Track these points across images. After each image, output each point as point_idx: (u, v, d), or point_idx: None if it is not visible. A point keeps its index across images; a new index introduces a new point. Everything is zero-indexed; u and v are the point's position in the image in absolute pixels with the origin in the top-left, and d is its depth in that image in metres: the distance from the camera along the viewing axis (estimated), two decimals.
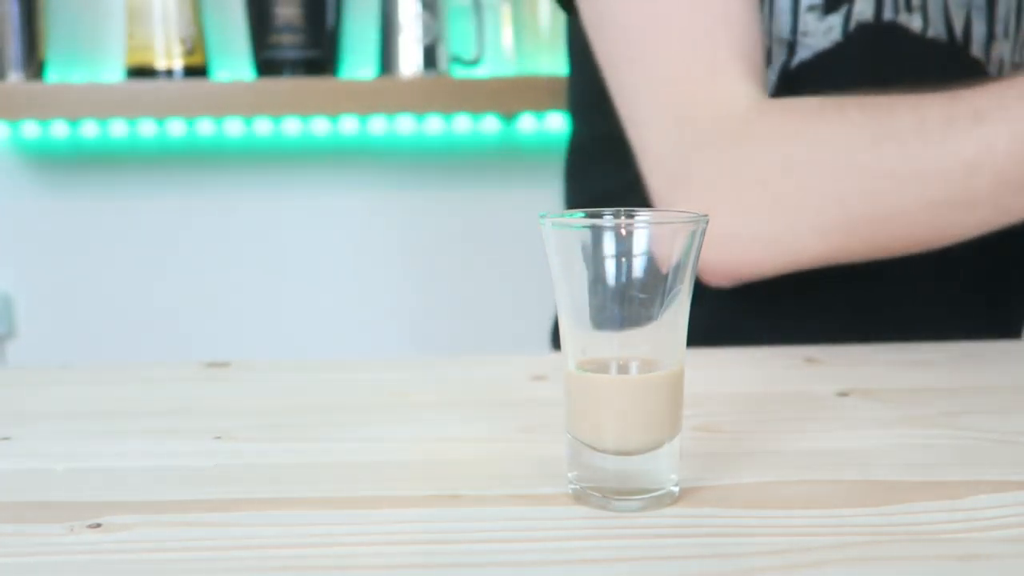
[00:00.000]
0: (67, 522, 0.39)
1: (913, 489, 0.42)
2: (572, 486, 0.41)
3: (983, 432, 0.49)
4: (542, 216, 0.41)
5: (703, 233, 0.40)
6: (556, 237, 0.40)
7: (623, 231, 0.39)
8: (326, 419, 0.54)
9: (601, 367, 0.41)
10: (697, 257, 0.40)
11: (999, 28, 0.77)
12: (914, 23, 0.74)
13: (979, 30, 0.76)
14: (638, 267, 0.39)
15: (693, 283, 0.41)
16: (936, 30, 0.74)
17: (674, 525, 0.39)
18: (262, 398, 0.58)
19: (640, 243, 0.39)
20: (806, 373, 0.62)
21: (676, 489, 0.41)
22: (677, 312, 0.40)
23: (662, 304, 0.40)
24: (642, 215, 0.42)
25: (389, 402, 0.57)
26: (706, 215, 0.40)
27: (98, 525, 0.39)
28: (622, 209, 0.42)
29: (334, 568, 0.36)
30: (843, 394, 0.56)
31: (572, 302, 0.40)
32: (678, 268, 0.40)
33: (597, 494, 0.40)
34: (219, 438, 0.50)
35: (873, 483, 0.43)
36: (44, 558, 0.37)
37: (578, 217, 0.40)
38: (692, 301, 0.41)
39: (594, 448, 0.40)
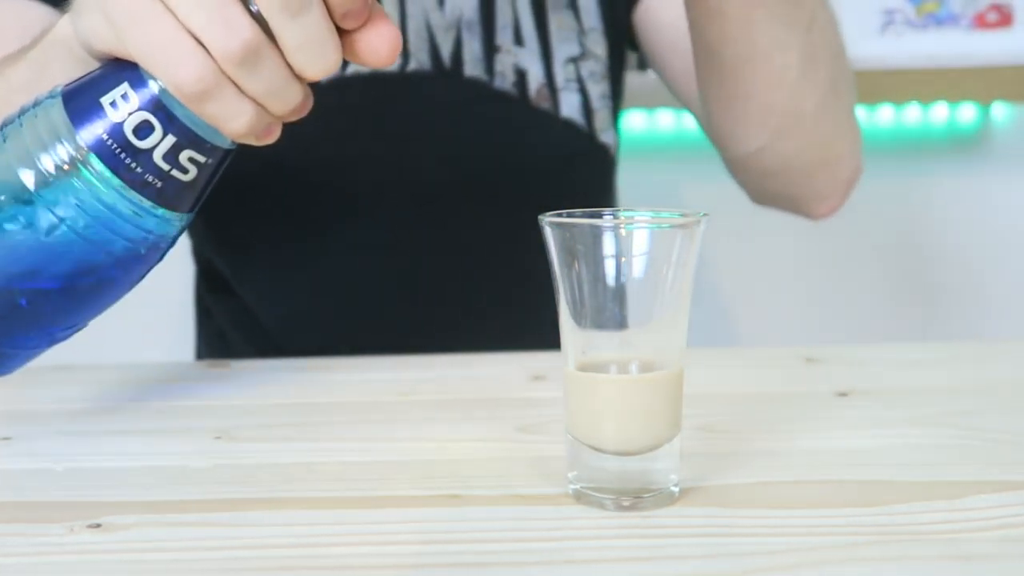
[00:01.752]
0: (67, 522, 0.39)
1: (913, 489, 0.42)
2: (572, 486, 0.41)
3: (983, 432, 0.49)
4: (542, 216, 0.41)
5: (703, 232, 0.40)
6: (556, 237, 0.40)
7: (623, 231, 0.39)
8: (326, 419, 0.54)
9: (601, 367, 0.41)
10: (697, 256, 0.40)
11: (503, 38, 0.76)
12: None
13: (472, 48, 0.75)
14: (638, 267, 0.39)
15: (693, 283, 0.41)
16: (419, 61, 0.74)
17: (674, 525, 0.39)
18: (262, 398, 0.58)
19: (640, 243, 0.39)
20: (806, 373, 0.62)
21: (676, 489, 0.41)
22: (677, 312, 0.40)
23: (662, 304, 0.40)
24: (642, 215, 0.42)
25: (389, 402, 0.57)
26: (707, 214, 0.40)
27: (98, 525, 0.39)
28: (622, 209, 0.42)
29: (334, 568, 0.36)
30: (843, 394, 0.56)
31: (572, 302, 0.40)
32: (678, 268, 0.40)
33: (597, 494, 0.40)
34: (219, 438, 0.50)
35: (873, 483, 0.43)
36: (44, 558, 0.37)
37: (578, 217, 0.40)
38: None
39: (594, 448, 0.40)
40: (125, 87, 0.42)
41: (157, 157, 0.42)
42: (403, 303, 0.78)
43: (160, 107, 0.41)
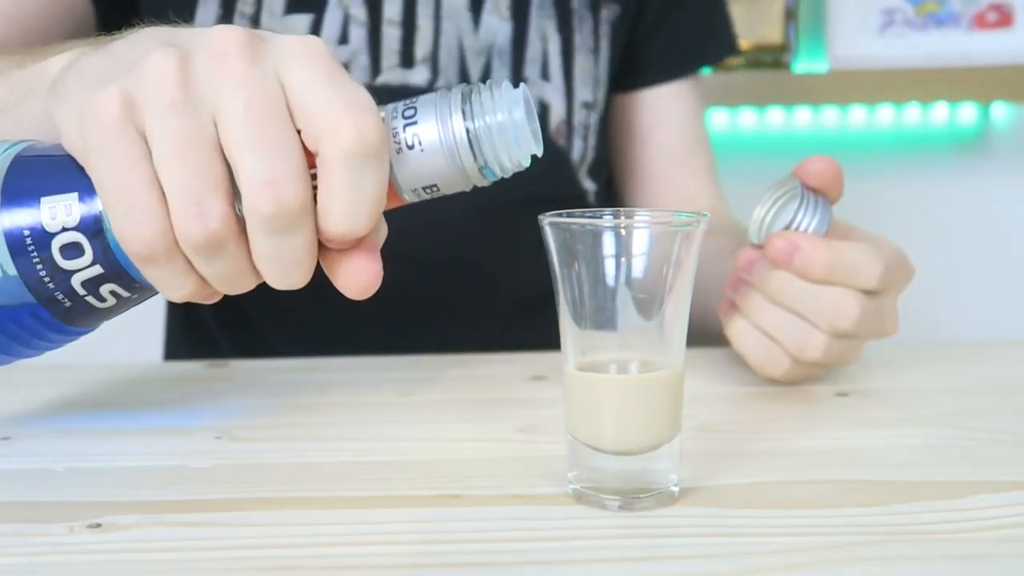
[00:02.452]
0: (67, 522, 0.39)
1: (913, 489, 0.42)
2: (572, 486, 0.41)
3: (983, 432, 0.49)
4: (542, 216, 0.41)
5: (703, 232, 0.40)
6: (556, 237, 0.40)
7: (623, 231, 0.39)
8: (326, 419, 0.54)
9: (601, 367, 0.41)
10: (697, 256, 0.40)
11: (531, 70, 0.77)
12: (416, 77, 0.74)
13: (501, 76, 0.76)
14: (638, 267, 0.39)
15: (693, 283, 0.41)
16: (447, 79, 0.75)
17: (674, 525, 0.39)
18: (262, 398, 0.58)
19: (640, 243, 0.39)
20: None
21: (676, 489, 0.41)
22: (677, 312, 0.40)
23: (662, 304, 0.40)
24: (642, 215, 0.42)
25: (389, 402, 0.57)
26: (707, 214, 0.40)
27: (98, 525, 0.39)
28: (622, 209, 0.42)
29: (334, 568, 0.36)
30: (843, 394, 0.56)
31: (572, 302, 0.40)
32: (678, 268, 0.40)
33: (597, 494, 0.40)
34: (219, 438, 0.50)
35: (873, 483, 0.43)
36: (44, 558, 0.37)
37: (578, 217, 0.40)
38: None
39: (594, 448, 0.40)
40: (72, 199, 0.37)
41: (76, 281, 0.38)
42: (406, 316, 0.77)
43: (99, 237, 0.37)
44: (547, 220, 0.40)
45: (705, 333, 0.70)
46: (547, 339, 0.61)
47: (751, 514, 0.39)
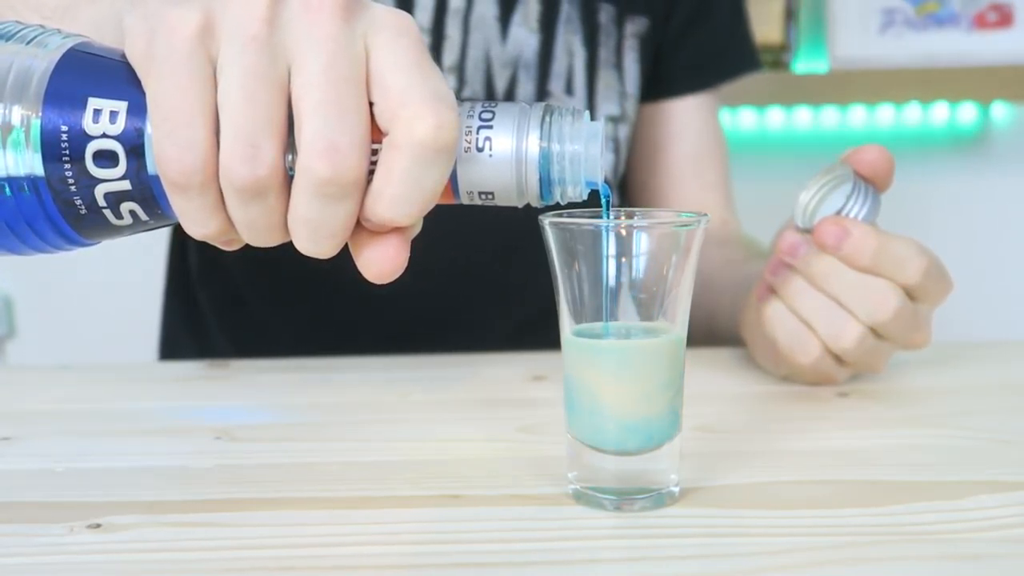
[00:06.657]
0: (67, 522, 0.39)
1: (913, 489, 0.42)
2: (572, 486, 0.41)
3: (983, 432, 0.49)
4: (542, 216, 0.41)
5: (704, 231, 0.40)
6: (556, 237, 0.40)
7: (623, 231, 0.39)
8: (326, 419, 0.54)
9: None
10: (697, 256, 0.40)
11: (555, 85, 0.77)
12: None
13: (526, 89, 0.76)
14: (638, 267, 0.39)
15: (693, 282, 0.41)
16: (473, 90, 0.74)
17: (674, 525, 0.39)
18: (262, 398, 0.58)
19: (640, 243, 0.39)
20: None
21: (676, 489, 0.41)
22: (677, 312, 0.40)
23: (662, 304, 0.40)
24: (642, 215, 0.42)
25: (389, 402, 0.57)
26: (707, 215, 0.40)
27: (98, 525, 0.39)
28: (622, 209, 0.42)
29: (334, 568, 0.36)
30: (843, 394, 0.56)
31: (572, 302, 0.40)
32: (678, 268, 0.40)
33: (597, 494, 0.40)
34: (219, 438, 0.50)
35: (873, 483, 0.43)
36: (44, 558, 0.37)
37: (578, 217, 0.40)
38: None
39: (594, 448, 0.40)
40: (121, 107, 0.35)
41: (99, 191, 0.36)
42: (415, 323, 0.77)
43: (137, 153, 0.35)
44: (547, 220, 0.40)
45: (715, 336, 0.70)
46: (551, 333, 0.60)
47: (751, 514, 0.39)
